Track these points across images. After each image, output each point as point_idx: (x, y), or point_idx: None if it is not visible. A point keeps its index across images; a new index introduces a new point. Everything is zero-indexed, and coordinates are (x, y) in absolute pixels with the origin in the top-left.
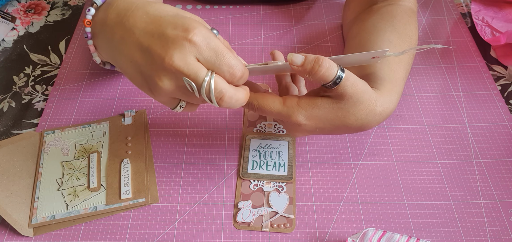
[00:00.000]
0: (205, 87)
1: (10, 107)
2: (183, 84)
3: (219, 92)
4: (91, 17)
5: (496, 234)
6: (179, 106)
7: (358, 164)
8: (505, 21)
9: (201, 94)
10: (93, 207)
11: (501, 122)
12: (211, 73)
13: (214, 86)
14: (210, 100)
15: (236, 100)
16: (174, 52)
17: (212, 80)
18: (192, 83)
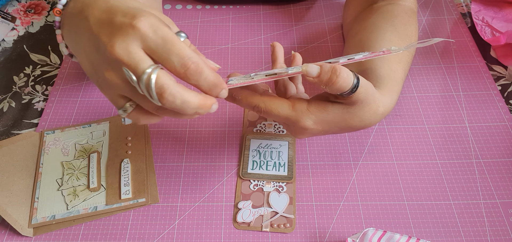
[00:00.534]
0: (144, 80)
1: (10, 107)
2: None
3: (159, 87)
4: (62, 6)
5: (496, 234)
6: (128, 106)
7: (358, 164)
8: (505, 21)
9: (141, 88)
10: (93, 207)
11: (501, 121)
12: (155, 66)
13: (155, 80)
14: (150, 96)
15: (182, 102)
16: (117, 40)
17: (154, 73)
18: (132, 75)
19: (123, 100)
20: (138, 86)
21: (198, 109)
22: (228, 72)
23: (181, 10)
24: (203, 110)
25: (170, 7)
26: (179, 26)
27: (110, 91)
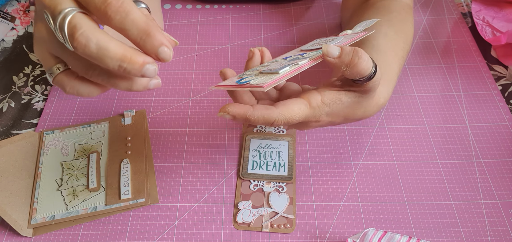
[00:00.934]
0: (59, 21)
1: (9, 107)
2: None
3: (72, 27)
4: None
5: (496, 234)
6: (55, 68)
7: (359, 164)
8: (505, 21)
9: (56, 33)
10: (92, 207)
11: (501, 121)
12: (75, 9)
13: (69, 20)
14: (64, 39)
15: (98, 47)
16: None
17: (70, 14)
18: (49, 17)
19: (52, 60)
20: (54, 30)
21: (123, 64)
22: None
23: (180, 10)
24: (131, 67)
25: (170, 7)
26: (179, 25)
27: (39, 48)
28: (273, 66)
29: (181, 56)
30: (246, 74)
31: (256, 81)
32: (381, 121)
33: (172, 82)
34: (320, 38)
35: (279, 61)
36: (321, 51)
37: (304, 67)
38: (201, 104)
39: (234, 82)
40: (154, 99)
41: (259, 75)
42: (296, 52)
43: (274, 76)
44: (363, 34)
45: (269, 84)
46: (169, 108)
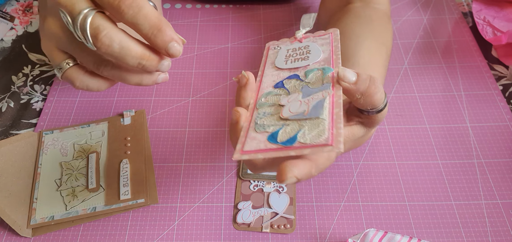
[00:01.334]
0: (80, 21)
1: (8, 107)
2: (65, 26)
3: (95, 28)
4: None
5: (497, 235)
6: (65, 64)
7: (359, 164)
8: (506, 20)
9: (76, 32)
10: (92, 207)
11: (502, 121)
12: (93, 8)
13: (91, 20)
14: (85, 39)
15: (121, 47)
16: None
17: (90, 14)
18: (68, 17)
19: (61, 56)
20: (74, 30)
21: (142, 61)
22: (227, 72)
23: (180, 9)
24: (149, 63)
25: (169, 6)
26: (179, 25)
27: (49, 44)
28: (295, 108)
29: (181, 56)
30: (260, 116)
31: (293, 133)
32: (382, 121)
33: (171, 82)
34: (285, 44)
35: (287, 96)
36: (325, 71)
37: (337, 99)
38: (201, 104)
39: (265, 140)
40: (153, 99)
41: (285, 123)
42: (278, 73)
43: (322, 123)
44: (330, 35)
45: (333, 136)
46: (168, 108)
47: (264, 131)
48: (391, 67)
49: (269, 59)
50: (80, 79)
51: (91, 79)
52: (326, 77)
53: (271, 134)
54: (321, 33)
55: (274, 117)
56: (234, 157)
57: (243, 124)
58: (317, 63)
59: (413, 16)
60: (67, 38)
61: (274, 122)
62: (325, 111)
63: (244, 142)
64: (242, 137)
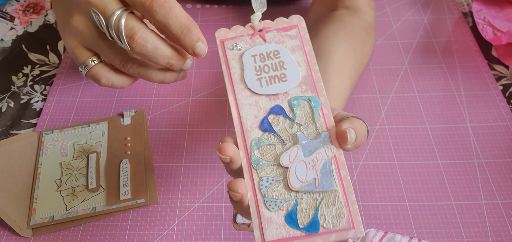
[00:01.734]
0: (114, 21)
1: (8, 107)
2: (94, 23)
3: (129, 30)
4: None
5: (497, 235)
6: (90, 61)
7: (359, 164)
8: (506, 20)
9: (110, 32)
10: (92, 207)
11: (502, 121)
12: (125, 9)
13: (125, 22)
14: (120, 40)
15: (154, 47)
16: None
17: (123, 15)
18: (101, 17)
19: (86, 53)
20: (107, 30)
21: (171, 60)
22: None
23: None
24: (176, 61)
25: None
26: None
27: (73, 41)
28: (303, 175)
29: None
30: (264, 184)
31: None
32: (382, 120)
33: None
34: (244, 41)
35: (284, 148)
36: (313, 105)
37: (339, 155)
38: (201, 104)
39: (284, 223)
40: (153, 99)
41: (297, 195)
42: (255, 100)
43: (337, 197)
44: (296, 30)
45: (352, 216)
46: (168, 108)
47: (278, 209)
48: (391, 67)
49: (234, 72)
50: (106, 77)
51: (116, 76)
52: (317, 116)
53: (288, 214)
54: (285, 25)
55: (282, 185)
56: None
57: (249, 198)
58: (299, 88)
59: (413, 16)
60: (95, 37)
61: (284, 193)
62: (335, 178)
63: (261, 226)
64: (254, 217)
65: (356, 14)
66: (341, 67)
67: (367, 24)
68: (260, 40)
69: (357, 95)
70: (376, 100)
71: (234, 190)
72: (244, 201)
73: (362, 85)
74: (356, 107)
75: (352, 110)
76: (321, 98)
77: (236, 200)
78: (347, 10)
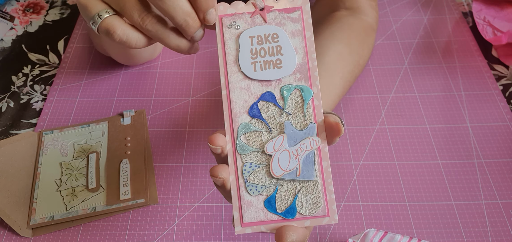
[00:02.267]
0: None
1: (8, 107)
2: None
3: None
4: None
5: (497, 235)
6: (104, 11)
7: (359, 164)
8: (506, 20)
9: None
10: (92, 207)
11: (502, 121)
12: None
13: None
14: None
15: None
16: None
17: None
18: None
19: (100, 4)
20: None
21: (188, 17)
22: None
23: None
24: (192, 21)
25: None
26: None
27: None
28: (285, 163)
29: (181, 55)
30: (247, 169)
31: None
32: (382, 120)
33: (171, 82)
34: (243, 19)
35: (270, 136)
36: (305, 94)
37: (323, 147)
38: (201, 104)
39: (263, 208)
40: (153, 99)
41: (278, 182)
42: (247, 84)
43: (316, 186)
44: (300, 12)
45: (328, 205)
46: (168, 108)
47: (258, 194)
48: (391, 67)
49: (229, 53)
50: (121, 28)
51: (132, 31)
52: (307, 107)
53: (268, 199)
54: (288, 6)
55: (264, 171)
56: (236, 231)
57: (231, 182)
58: (293, 76)
59: (413, 16)
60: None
61: (265, 179)
62: (316, 169)
63: (241, 209)
64: (235, 199)
65: (356, 15)
66: (333, 68)
67: (367, 25)
68: (260, 20)
69: (357, 95)
70: (376, 100)
71: (215, 175)
72: (226, 185)
73: (362, 85)
74: (356, 107)
75: (352, 110)
76: (314, 89)
77: (218, 185)
78: (348, 11)
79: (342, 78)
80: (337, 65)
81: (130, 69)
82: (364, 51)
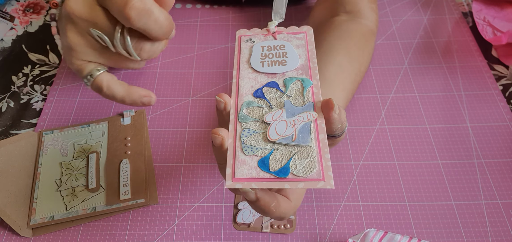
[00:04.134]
0: (118, 39)
1: (8, 107)
2: (90, 38)
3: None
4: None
5: (497, 235)
6: (95, 70)
7: (359, 164)
8: (506, 20)
9: (116, 46)
10: (92, 207)
11: (502, 121)
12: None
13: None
14: (129, 53)
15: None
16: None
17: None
18: (101, 35)
19: (90, 64)
20: (112, 45)
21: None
22: (227, 72)
23: (180, 9)
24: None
25: None
26: (179, 25)
27: (74, 58)
28: (282, 130)
29: (181, 56)
30: (245, 134)
31: (284, 161)
32: (382, 120)
33: (171, 82)
34: (258, 37)
35: (270, 111)
36: (305, 84)
37: (320, 122)
38: (201, 104)
39: (256, 167)
40: None
41: (274, 146)
42: (255, 76)
43: (311, 151)
44: (304, 35)
45: (323, 170)
46: (168, 108)
47: (253, 154)
48: (391, 67)
49: (243, 56)
50: (111, 81)
51: (115, 84)
52: (307, 92)
53: (262, 160)
54: (295, 30)
55: (261, 137)
56: (226, 185)
57: (229, 144)
58: (295, 71)
59: (413, 16)
60: (92, 47)
61: (261, 143)
62: (312, 137)
63: (234, 166)
64: (230, 158)
65: (356, 19)
66: (334, 81)
67: (367, 29)
68: (271, 38)
69: (357, 95)
70: (376, 100)
71: (215, 132)
72: (224, 144)
73: (362, 85)
74: (356, 107)
75: (352, 110)
76: (313, 81)
77: (216, 144)
78: (347, 16)
79: (343, 90)
80: (338, 78)
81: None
82: (365, 58)
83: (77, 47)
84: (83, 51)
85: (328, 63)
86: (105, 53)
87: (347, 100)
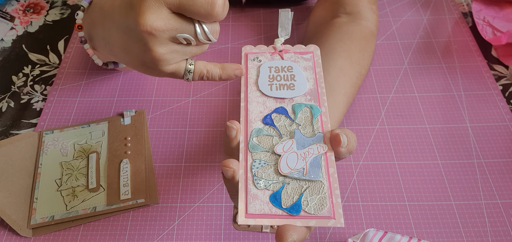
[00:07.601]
0: (200, 33)
1: (8, 107)
2: (176, 42)
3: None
4: (81, 20)
5: (497, 235)
6: (189, 64)
7: (359, 164)
8: (506, 20)
9: (199, 39)
10: (92, 207)
11: (502, 121)
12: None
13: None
14: (208, 40)
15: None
16: (147, 15)
17: (198, 25)
18: (188, 36)
19: (182, 64)
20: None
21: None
22: None
23: None
24: None
25: None
26: None
27: (166, 65)
28: (293, 163)
29: None
30: (256, 165)
31: (296, 196)
32: (382, 120)
33: (172, 82)
34: (265, 56)
35: (280, 140)
36: (314, 112)
37: (330, 155)
38: (201, 104)
39: (268, 202)
40: (153, 99)
41: (285, 180)
42: (263, 100)
43: (322, 187)
44: (311, 56)
45: (334, 208)
46: (168, 108)
47: (264, 188)
48: (391, 67)
49: (250, 77)
50: (207, 66)
51: (209, 65)
52: (316, 121)
53: (273, 194)
54: (302, 50)
55: (272, 169)
56: (239, 220)
57: (239, 176)
58: (304, 97)
59: (413, 16)
60: (180, 50)
61: (273, 176)
62: (322, 172)
63: (246, 200)
64: (241, 191)
65: (356, 21)
66: (335, 85)
67: (367, 31)
68: (278, 57)
69: (357, 95)
70: (376, 101)
71: (226, 165)
72: (235, 176)
73: (362, 85)
74: (356, 107)
75: (352, 110)
76: (322, 108)
77: (228, 176)
78: (348, 17)
79: (344, 95)
80: (339, 82)
81: (130, 69)
82: (365, 60)
83: (165, 56)
84: (171, 57)
85: (329, 67)
86: (187, 49)
87: (348, 104)
